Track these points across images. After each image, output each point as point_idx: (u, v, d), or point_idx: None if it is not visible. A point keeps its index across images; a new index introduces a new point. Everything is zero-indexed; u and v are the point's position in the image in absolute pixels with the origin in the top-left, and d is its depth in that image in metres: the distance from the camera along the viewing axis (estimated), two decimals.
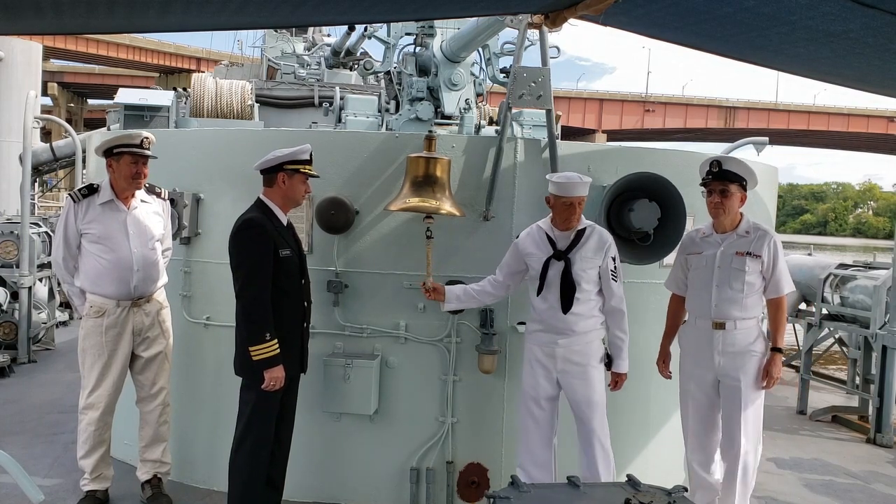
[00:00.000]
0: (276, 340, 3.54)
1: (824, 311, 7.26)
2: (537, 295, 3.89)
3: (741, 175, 3.84)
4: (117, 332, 4.13)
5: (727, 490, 3.97)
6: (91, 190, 4.17)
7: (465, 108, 6.70)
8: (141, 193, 4.23)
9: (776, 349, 3.87)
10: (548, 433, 3.97)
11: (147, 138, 4.13)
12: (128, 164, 4.08)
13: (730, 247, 3.90)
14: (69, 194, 4.27)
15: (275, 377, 3.56)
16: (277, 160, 3.67)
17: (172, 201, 4.45)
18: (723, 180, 3.85)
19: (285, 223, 3.76)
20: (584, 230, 3.86)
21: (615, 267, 3.86)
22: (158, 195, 4.34)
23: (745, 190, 3.90)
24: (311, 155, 3.74)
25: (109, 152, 4.12)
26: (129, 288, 4.12)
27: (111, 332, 4.12)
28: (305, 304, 3.79)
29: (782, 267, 3.87)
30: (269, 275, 3.58)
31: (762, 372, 3.87)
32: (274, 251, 3.60)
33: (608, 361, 3.92)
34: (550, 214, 3.91)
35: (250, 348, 3.53)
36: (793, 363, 8.96)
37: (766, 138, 8.73)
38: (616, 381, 3.96)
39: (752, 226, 3.93)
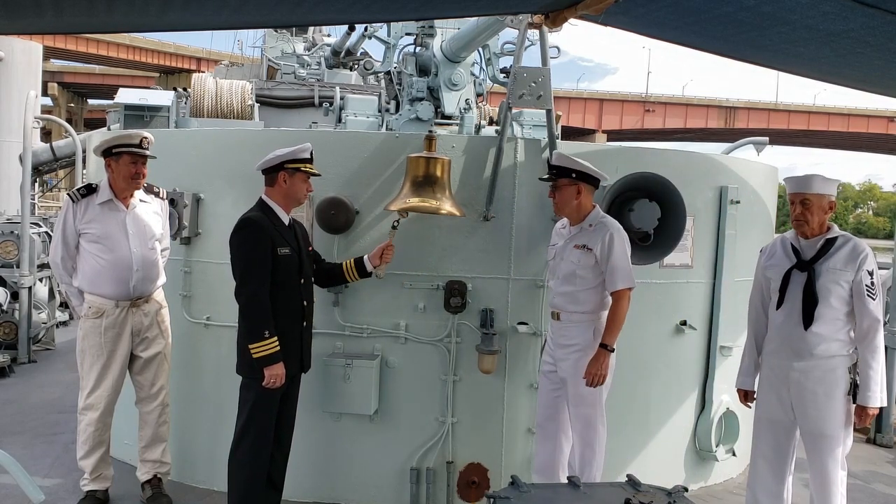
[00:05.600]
0: (275, 338, 3.54)
1: None
2: (776, 309, 3.61)
3: (568, 168, 3.77)
4: (116, 332, 4.12)
5: None
6: (90, 190, 4.17)
7: (465, 108, 6.70)
8: (139, 193, 4.22)
9: (603, 345, 3.68)
10: (780, 463, 3.67)
11: (146, 138, 4.13)
12: (127, 164, 4.08)
13: (571, 240, 3.85)
14: (68, 194, 4.27)
15: (275, 374, 3.56)
16: (278, 159, 3.68)
17: (172, 201, 4.45)
18: (552, 175, 3.81)
19: (287, 223, 3.76)
20: (835, 239, 3.53)
21: (872, 283, 3.43)
22: (157, 195, 4.33)
23: (578, 182, 3.75)
24: (311, 154, 3.74)
25: (108, 152, 4.11)
26: (127, 288, 4.12)
27: (110, 333, 4.11)
28: (305, 303, 3.78)
29: (617, 262, 3.69)
30: (267, 273, 3.58)
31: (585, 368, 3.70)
32: (272, 249, 3.60)
33: (855, 392, 3.51)
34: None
35: (250, 346, 3.54)
36: None
37: (767, 138, 8.69)
38: (860, 416, 3.51)
39: (599, 220, 3.80)
